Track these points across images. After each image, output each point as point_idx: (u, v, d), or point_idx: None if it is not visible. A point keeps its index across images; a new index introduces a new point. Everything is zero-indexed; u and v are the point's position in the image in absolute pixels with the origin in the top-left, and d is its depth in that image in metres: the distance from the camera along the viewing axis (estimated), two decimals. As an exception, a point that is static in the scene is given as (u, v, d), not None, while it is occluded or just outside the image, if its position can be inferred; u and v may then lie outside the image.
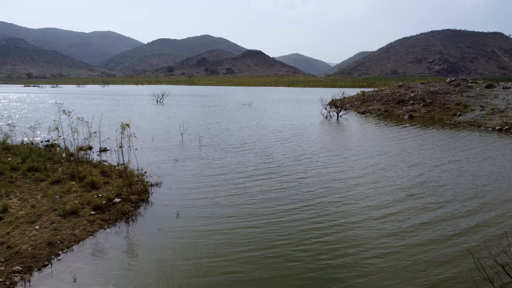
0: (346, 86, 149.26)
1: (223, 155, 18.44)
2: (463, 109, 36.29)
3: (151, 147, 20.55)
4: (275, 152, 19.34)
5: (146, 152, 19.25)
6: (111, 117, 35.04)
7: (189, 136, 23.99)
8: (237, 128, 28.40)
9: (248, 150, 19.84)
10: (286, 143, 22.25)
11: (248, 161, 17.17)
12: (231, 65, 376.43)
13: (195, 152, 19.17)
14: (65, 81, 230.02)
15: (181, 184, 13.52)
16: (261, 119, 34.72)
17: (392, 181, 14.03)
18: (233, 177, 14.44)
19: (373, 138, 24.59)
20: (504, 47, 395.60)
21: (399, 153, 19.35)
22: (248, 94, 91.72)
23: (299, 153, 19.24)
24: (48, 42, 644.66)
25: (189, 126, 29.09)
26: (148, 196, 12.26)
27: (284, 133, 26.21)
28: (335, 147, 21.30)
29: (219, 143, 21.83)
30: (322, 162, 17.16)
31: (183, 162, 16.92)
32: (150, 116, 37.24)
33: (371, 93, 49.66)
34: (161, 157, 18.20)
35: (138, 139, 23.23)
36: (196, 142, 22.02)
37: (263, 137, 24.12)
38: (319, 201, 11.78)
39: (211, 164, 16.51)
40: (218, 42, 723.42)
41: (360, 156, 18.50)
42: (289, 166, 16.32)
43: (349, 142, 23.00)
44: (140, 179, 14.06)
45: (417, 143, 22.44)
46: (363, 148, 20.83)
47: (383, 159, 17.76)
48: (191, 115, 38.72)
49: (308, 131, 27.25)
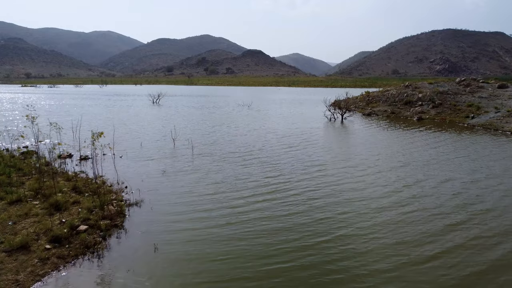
0: (347, 86, 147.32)
1: (220, 167, 16.09)
2: (476, 111, 34.08)
3: (138, 155, 18.34)
4: (280, 162, 16.94)
5: (132, 161, 17.07)
6: (102, 119, 32.94)
7: (183, 142, 21.66)
8: (237, 133, 25.92)
9: (249, 160, 17.43)
10: (291, 151, 19.86)
11: (249, 175, 14.78)
12: (231, 65, 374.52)
13: (188, 162, 16.83)
14: (63, 81, 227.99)
15: (165, 205, 11.26)
16: (263, 122, 32.37)
17: (424, 203, 11.56)
18: (230, 197, 12.07)
19: (387, 144, 22.10)
20: (505, 46, 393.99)
21: (422, 164, 16.76)
22: (248, 95, 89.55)
23: (307, 163, 16.84)
24: (48, 42, 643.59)
25: (184, 130, 26.88)
26: (123, 220, 10.07)
27: (289, 138, 23.74)
28: (348, 155, 18.83)
29: (216, 151, 19.43)
30: (335, 176, 14.72)
31: (172, 175, 14.64)
32: (143, 118, 35.03)
33: (376, 94, 47.44)
34: (147, 167, 16.00)
35: (125, 144, 21.17)
36: (190, 149, 19.73)
37: (266, 144, 21.68)
38: (337, 234, 9.28)
39: (205, 179, 14.17)
40: (218, 42, 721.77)
41: (378, 169, 16.01)
42: (296, 181, 13.90)
43: (362, 149, 20.47)
44: (117, 196, 11.88)
45: (439, 151, 19.90)
46: (379, 157, 18.35)
47: (405, 173, 15.26)
48: (187, 117, 36.47)
49: (314, 136, 24.89)
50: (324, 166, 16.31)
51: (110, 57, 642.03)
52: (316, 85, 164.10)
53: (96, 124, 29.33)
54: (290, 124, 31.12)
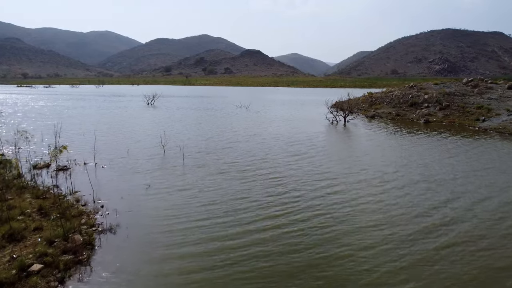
0: (346, 86, 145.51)
1: (215, 181, 14.07)
2: (487, 113, 32.29)
3: (123, 165, 16.46)
4: (285, 176, 14.87)
5: (114, 172, 15.20)
6: (91, 123, 30.89)
7: (175, 149, 19.68)
8: (236, 139, 23.85)
9: (249, 173, 15.33)
10: (297, 161, 17.79)
11: (249, 193, 12.77)
12: (229, 65, 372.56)
13: (178, 176, 14.86)
14: (60, 81, 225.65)
15: (145, 233, 9.39)
16: (264, 127, 30.33)
17: (463, 232, 9.66)
18: (226, 224, 10.09)
19: (401, 153, 20.01)
20: (504, 46, 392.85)
21: (448, 179, 14.65)
22: (246, 95, 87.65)
23: (316, 177, 14.84)
24: (46, 42, 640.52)
25: (177, 135, 24.94)
26: (91, 254, 8.21)
27: (293, 146, 21.72)
28: (360, 166, 16.76)
29: (212, 162, 17.39)
30: (350, 194, 12.71)
31: (158, 191, 12.73)
32: (135, 121, 33.09)
33: (379, 95, 45.61)
34: (130, 180, 14.12)
35: (111, 151, 19.29)
36: (182, 158, 17.76)
37: (269, 153, 19.55)
38: (362, 283, 7.38)
39: (197, 197, 12.20)
40: (216, 42, 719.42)
41: (398, 184, 13.92)
42: (305, 202, 11.86)
43: (374, 159, 18.39)
44: (89, 220, 10.01)
45: (462, 161, 17.75)
46: (396, 169, 16.19)
47: (431, 190, 13.09)
48: (182, 120, 34.47)
49: (319, 143, 22.86)
50: (335, 181, 14.32)
51: (108, 57, 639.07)
52: (315, 85, 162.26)
53: (85, 128, 27.45)
54: (292, 128, 29.20)
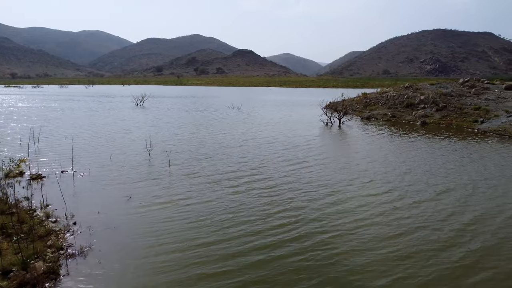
0: (339, 86, 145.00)
1: (204, 194, 12.70)
2: (485, 114, 31.47)
3: (103, 173, 15.13)
4: (281, 187, 13.45)
5: (93, 182, 13.89)
6: (76, 126, 29.34)
7: (161, 155, 18.36)
8: (229, 143, 22.50)
9: (242, 184, 13.90)
10: (295, 169, 16.35)
11: (242, 208, 11.36)
12: (221, 64, 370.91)
13: (163, 186, 13.53)
14: (49, 81, 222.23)
15: (121, 257, 8.08)
16: (257, 129, 29.05)
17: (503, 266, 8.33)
18: (216, 247, 8.74)
19: (405, 159, 18.76)
20: (494, 47, 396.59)
21: (461, 186, 13.56)
22: (238, 96, 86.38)
23: (316, 187, 13.43)
24: (35, 42, 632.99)
25: (165, 138, 23.60)
26: (52, 287, 6.99)
27: (290, 151, 20.37)
28: (362, 174, 15.46)
29: (201, 169, 16.03)
30: (357, 207, 11.37)
31: (139, 204, 11.40)
32: (122, 123, 31.57)
33: (374, 96, 44.67)
34: (110, 191, 12.84)
35: (92, 157, 17.97)
36: (167, 165, 16.50)
37: (264, 159, 18.13)
38: None
39: (182, 213, 10.85)
40: (208, 42, 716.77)
41: (411, 197, 12.56)
42: (305, 220, 10.47)
43: (376, 165, 17.08)
44: (56, 241, 8.72)
45: (474, 170, 16.33)
46: (401, 178, 14.84)
47: (451, 206, 11.58)
48: (171, 122, 33.16)
49: (316, 147, 21.58)
50: (337, 192, 12.95)
51: (99, 57, 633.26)
52: (308, 85, 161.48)
53: (68, 131, 25.98)
54: (287, 131, 27.91)
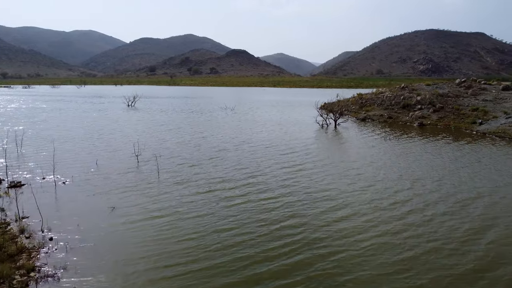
0: (333, 86, 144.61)
1: (196, 205, 11.72)
2: (483, 116, 30.92)
3: (87, 180, 14.18)
4: (280, 197, 12.50)
5: (76, 190, 12.94)
6: (64, 128, 28.23)
7: (151, 160, 17.39)
8: (223, 147, 21.46)
9: (237, 194, 12.84)
10: (294, 176, 15.34)
11: (237, 221, 10.39)
12: (215, 64, 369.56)
13: (151, 195, 12.57)
14: (41, 81, 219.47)
15: (96, 282, 7.15)
16: (252, 132, 28.07)
17: None
18: (207, 273, 7.80)
19: (405, 163, 17.96)
20: (486, 47, 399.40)
21: (475, 196, 12.67)
22: (232, 96, 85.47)
23: (317, 196, 12.51)
24: (27, 41, 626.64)
25: (156, 142, 22.61)
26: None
27: (287, 156, 19.39)
28: (366, 181, 14.56)
29: (193, 177, 15.02)
30: (362, 221, 10.39)
31: (123, 217, 10.46)
32: (112, 125, 30.45)
33: (369, 96, 44.03)
34: (93, 201, 11.90)
35: (77, 163, 17.01)
36: (156, 172, 15.52)
37: (259, 165, 17.11)
38: None
39: (170, 229, 9.82)
40: (201, 42, 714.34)
41: (415, 206, 11.78)
42: (307, 237, 9.49)
43: (380, 171, 16.19)
44: (27, 262, 7.79)
45: (486, 177, 15.28)
46: (410, 186, 13.85)
47: (457, 218, 10.74)
48: (163, 124, 32.16)
49: (314, 151, 20.74)
50: (339, 203, 11.94)
51: (91, 57, 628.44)
52: (302, 85, 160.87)
53: (56, 134, 24.92)
54: (283, 134, 26.97)
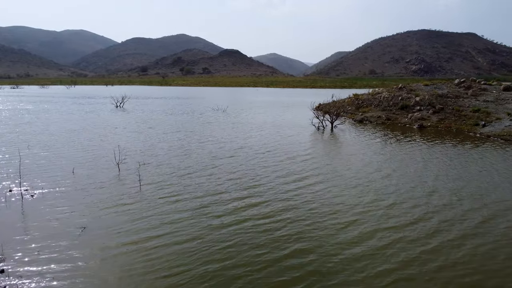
0: (326, 86, 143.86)
1: (182, 230, 9.89)
2: (486, 117, 29.71)
3: (59, 193, 12.40)
4: (281, 216, 10.81)
5: (43, 206, 11.20)
6: (45, 131, 26.15)
7: (135, 169, 15.67)
8: (216, 154, 19.59)
9: (232, 214, 10.96)
10: (294, 186, 13.70)
11: (230, 258, 8.61)
12: (207, 64, 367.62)
13: (128, 214, 10.80)
14: (30, 82, 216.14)
15: None
16: (247, 136, 26.23)
17: None
18: None
19: (417, 171, 16.22)
20: (478, 47, 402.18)
21: (506, 208, 11.26)
22: (225, 96, 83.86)
23: (325, 215, 10.73)
24: (17, 41, 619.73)
25: (143, 147, 20.80)
26: None
27: (286, 163, 17.71)
28: (376, 193, 12.84)
29: (182, 191, 13.16)
30: (382, 247, 8.84)
31: (92, 242, 8.73)
32: (96, 128, 28.58)
33: (366, 97, 42.72)
34: (61, 219, 10.14)
35: (51, 172, 15.33)
36: (142, 183, 13.82)
37: (257, 175, 15.16)
38: None
39: (148, 262, 8.09)
40: (194, 42, 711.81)
41: (442, 227, 10.14)
42: (317, 272, 7.91)
43: (390, 181, 14.44)
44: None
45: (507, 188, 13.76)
46: (426, 200, 12.19)
47: (493, 241, 9.20)
48: (152, 127, 30.46)
49: (314, 158, 19.14)
50: (354, 227, 9.91)
51: (82, 57, 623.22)
52: (295, 86, 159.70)
53: (35, 138, 22.95)
54: (280, 138, 25.11)
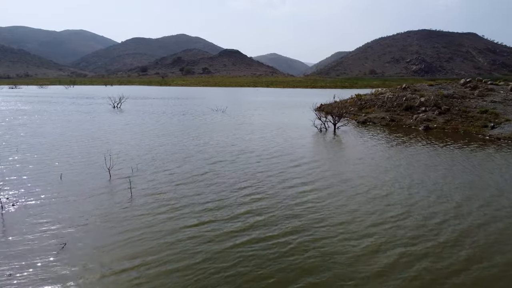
0: (327, 86, 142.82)
1: (174, 254, 8.82)
2: (494, 119, 28.69)
3: (42, 202, 11.27)
4: (291, 244, 9.59)
5: (23, 218, 10.07)
6: (38, 133, 25.05)
7: (126, 175, 14.54)
8: (217, 159, 18.38)
9: (231, 239, 9.60)
10: (303, 198, 12.49)
11: (232, 277, 7.53)
12: (207, 64, 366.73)
13: (116, 230, 9.70)
14: (29, 82, 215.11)
15: None
16: (249, 139, 25.06)
17: None
18: None
19: (434, 178, 15.01)
20: (478, 47, 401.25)
21: None
22: (225, 97, 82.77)
23: (356, 244, 9.47)
24: (17, 41, 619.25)
25: (137, 151, 19.64)
26: None
27: (292, 170, 16.46)
28: (394, 207, 11.63)
29: (178, 201, 12.02)
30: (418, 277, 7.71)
31: (73, 262, 7.57)
32: (90, 130, 27.42)
33: (369, 97, 41.66)
34: (40, 233, 9.05)
35: (37, 178, 14.25)
36: (135, 190, 12.66)
37: (261, 183, 13.89)
38: None
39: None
40: (194, 42, 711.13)
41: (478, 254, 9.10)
42: None
43: (407, 191, 13.23)
44: None
45: None
46: (453, 213, 11.18)
47: None
48: (149, 129, 29.42)
49: (323, 166, 18.05)
50: (383, 251, 8.60)
51: (82, 57, 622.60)
52: (295, 86, 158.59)
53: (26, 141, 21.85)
54: (282, 141, 23.73)
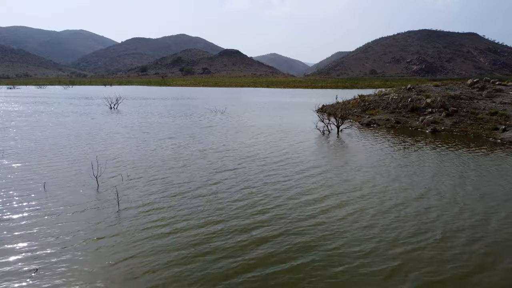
0: (327, 87, 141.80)
1: (165, 276, 7.64)
2: (505, 121, 27.52)
3: (20, 216, 10.22)
4: (303, 258, 8.45)
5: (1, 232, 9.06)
6: (30, 136, 23.82)
7: (115, 182, 13.25)
8: (219, 166, 17.04)
9: (233, 268, 8.36)
10: (316, 213, 11.28)
11: None
12: (207, 65, 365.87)
13: (98, 249, 8.49)
14: (28, 82, 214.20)
15: None
16: (251, 143, 23.77)
17: None
18: None
19: (454, 187, 13.82)
20: (479, 47, 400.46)
21: None
22: (224, 97, 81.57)
23: (378, 268, 8.30)
24: (17, 41, 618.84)
25: (131, 157, 18.41)
26: None
27: (299, 180, 15.22)
28: (416, 222, 10.39)
29: (170, 220, 10.68)
30: None
31: (48, 282, 6.67)
32: (83, 133, 26.16)
33: (373, 98, 40.46)
34: (9, 257, 8.06)
35: (19, 186, 13.07)
36: (124, 202, 11.37)
37: (267, 195, 12.60)
38: None
39: None
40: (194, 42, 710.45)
41: None
42: None
43: (427, 201, 12.04)
44: None
45: None
46: (483, 230, 9.95)
47: None
48: (145, 132, 28.30)
49: (332, 174, 16.90)
50: (411, 281, 7.36)
51: (82, 57, 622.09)
52: (296, 86, 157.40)
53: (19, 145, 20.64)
54: (286, 146, 22.39)
